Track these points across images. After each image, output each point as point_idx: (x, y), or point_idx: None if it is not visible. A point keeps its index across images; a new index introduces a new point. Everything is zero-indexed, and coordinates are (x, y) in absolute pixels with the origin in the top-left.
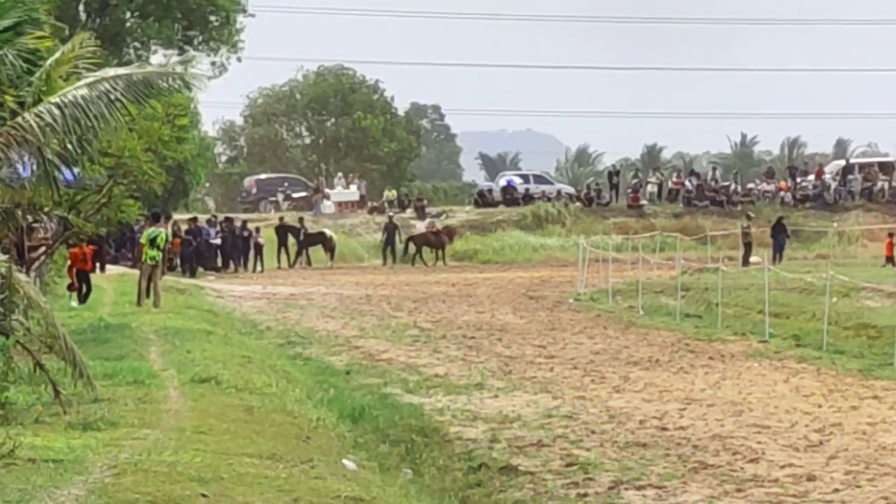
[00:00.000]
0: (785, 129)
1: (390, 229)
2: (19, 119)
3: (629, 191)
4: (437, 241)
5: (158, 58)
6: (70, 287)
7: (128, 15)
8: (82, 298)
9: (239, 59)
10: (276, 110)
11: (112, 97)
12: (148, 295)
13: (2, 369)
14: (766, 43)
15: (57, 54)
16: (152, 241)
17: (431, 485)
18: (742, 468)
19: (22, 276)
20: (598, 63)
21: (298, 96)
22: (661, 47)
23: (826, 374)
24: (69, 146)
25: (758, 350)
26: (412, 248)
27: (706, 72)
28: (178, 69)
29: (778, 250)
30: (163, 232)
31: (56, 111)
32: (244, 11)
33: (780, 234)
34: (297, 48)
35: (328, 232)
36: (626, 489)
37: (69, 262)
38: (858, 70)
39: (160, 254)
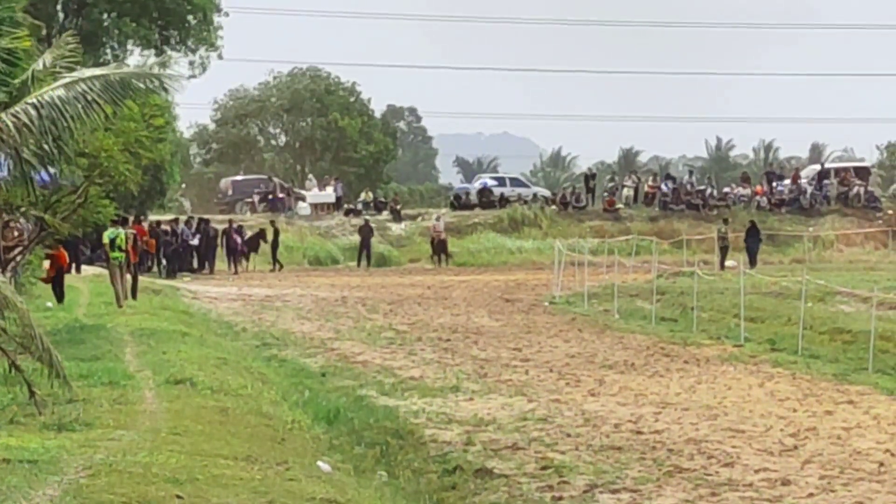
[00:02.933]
0: (760, 133)
1: (365, 232)
2: None
3: (605, 194)
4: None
5: (136, 58)
6: (46, 280)
7: (105, 15)
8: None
9: (220, 57)
10: (247, 112)
11: (89, 98)
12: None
13: None
14: (742, 47)
15: (41, 59)
16: (112, 242)
17: (406, 487)
18: (717, 472)
19: None
20: (574, 66)
21: (273, 98)
22: (637, 51)
23: (801, 378)
24: (45, 146)
25: (733, 354)
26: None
27: (682, 75)
28: (156, 70)
29: (751, 254)
30: (122, 233)
31: (32, 111)
32: (220, 10)
33: (752, 238)
34: (270, 50)
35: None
36: (601, 493)
37: (49, 262)
38: (834, 75)
39: (123, 254)
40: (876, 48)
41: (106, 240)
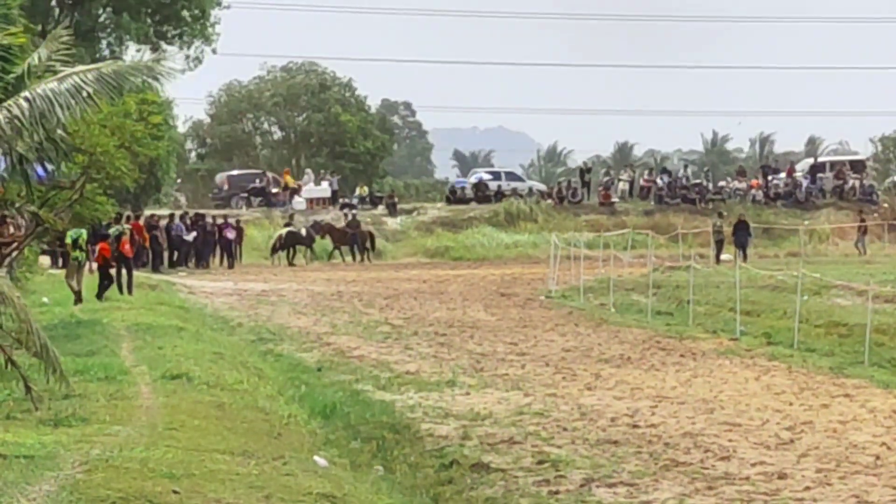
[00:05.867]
0: (757, 126)
1: (353, 226)
2: None
3: (601, 188)
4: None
5: (132, 53)
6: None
7: (101, 10)
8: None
9: (214, 51)
10: (242, 108)
11: (81, 90)
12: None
13: None
14: (738, 41)
15: (37, 54)
16: (75, 242)
17: (403, 482)
18: (713, 466)
19: None
20: (569, 60)
21: (268, 93)
22: (632, 44)
23: (797, 371)
24: (38, 140)
25: (729, 348)
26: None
27: (678, 69)
28: (151, 64)
29: (740, 249)
30: (84, 232)
31: (24, 104)
32: (219, 4)
33: (741, 231)
34: (263, 45)
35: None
36: (598, 487)
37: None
38: (830, 68)
39: (83, 254)
40: (870, 41)
41: (69, 239)
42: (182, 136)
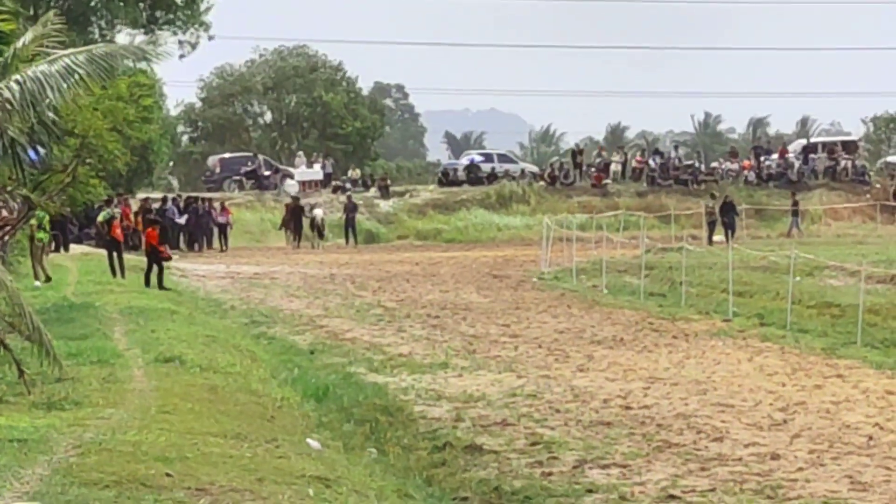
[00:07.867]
0: (749, 107)
1: (350, 208)
2: None
3: (593, 170)
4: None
5: (123, 38)
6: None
7: None
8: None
9: (211, 38)
10: (233, 91)
11: (72, 72)
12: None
13: None
14: (730, 22)
15: (23, 38)
16: (39, 223)
17: (396, 464)
18: (706, 447)
19: None
20: (561, 42)
21: (258, 76)
22: (624, 26)
23: (790, 352)
24: (30, 122)
25: (721, 329)
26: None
27: (670, 51)
28: (142, 46)
29: (728, 229)
30: (47, 215)
31: (15, 87)
32: None
33: (728, 213)
34: (257, 28)
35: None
36: (591, 468)
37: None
38: (822, 49)
39: (47, 235)
40: (863, 22)
41: (34, 221)
42: (174, 120)
